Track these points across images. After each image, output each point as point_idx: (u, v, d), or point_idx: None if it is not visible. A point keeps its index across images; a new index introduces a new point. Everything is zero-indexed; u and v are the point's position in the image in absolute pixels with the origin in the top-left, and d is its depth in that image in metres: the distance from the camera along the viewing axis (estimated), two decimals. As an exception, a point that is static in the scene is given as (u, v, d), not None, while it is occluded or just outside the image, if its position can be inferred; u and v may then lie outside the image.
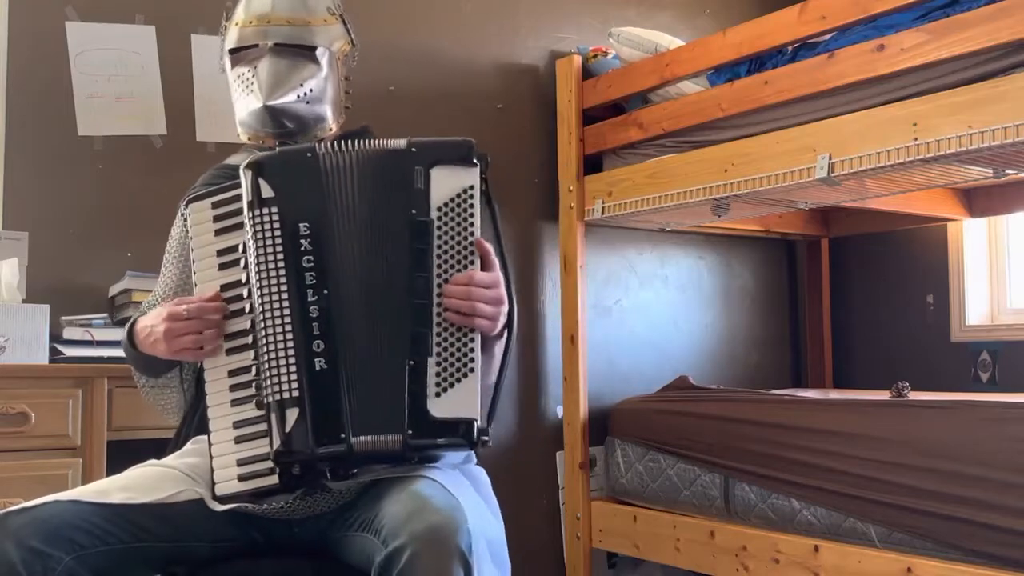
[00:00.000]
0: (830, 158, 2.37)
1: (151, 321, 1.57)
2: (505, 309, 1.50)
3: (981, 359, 3.35)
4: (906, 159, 2.22)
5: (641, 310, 3.48)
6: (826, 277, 3.81)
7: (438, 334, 1.44)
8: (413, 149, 1.48)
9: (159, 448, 1.78)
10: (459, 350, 1.44)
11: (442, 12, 3.18)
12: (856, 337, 3.78)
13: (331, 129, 1.84)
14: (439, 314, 1.44)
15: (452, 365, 1.44)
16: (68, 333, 2.34)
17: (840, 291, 3.82)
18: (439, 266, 1.46)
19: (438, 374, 1.43)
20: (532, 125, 3.31)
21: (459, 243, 1.47)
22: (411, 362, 1.43)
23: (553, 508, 3.27)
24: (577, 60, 3.21)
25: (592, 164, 3.19)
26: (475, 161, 1.48)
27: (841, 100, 2.40)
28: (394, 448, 1.43)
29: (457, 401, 1.42)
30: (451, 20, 3.19)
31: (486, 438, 1.45)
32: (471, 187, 1.48)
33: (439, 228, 1.46)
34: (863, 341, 3.76)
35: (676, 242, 3.59)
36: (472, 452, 1.62)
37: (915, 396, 2.85)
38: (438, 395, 1.42)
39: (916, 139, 2.19)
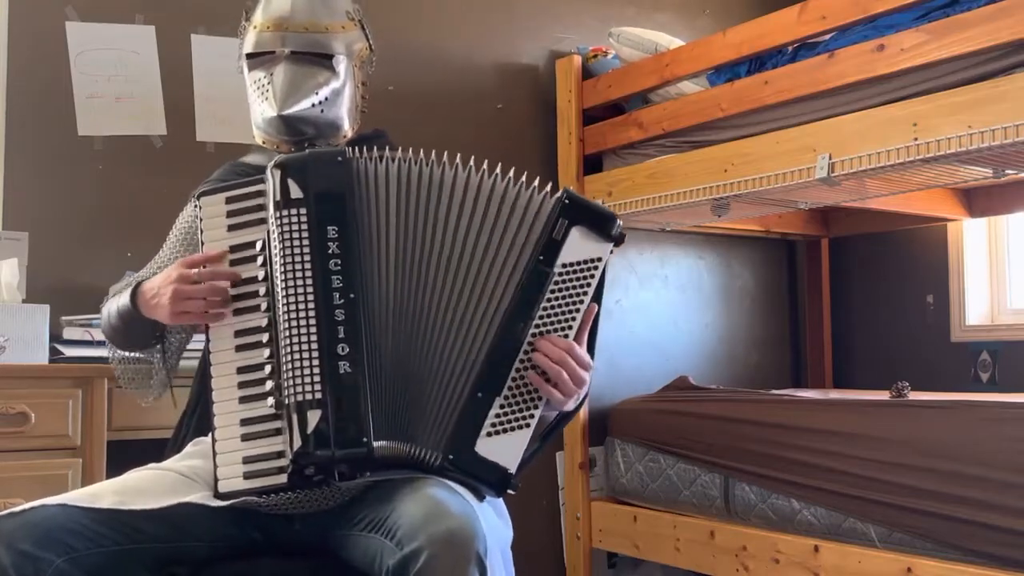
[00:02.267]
0: (830, 158, 2.37)
1: (158, 283, 1.56)
2: (581, 394, 1.50)
3: (981, 359, 3.35)
4: (906, 159, 2.22)
5: (641, 310, 3.48)
6: (826, 277, 3.81)
7: (512, 379, 1.44)
8: (567, 201, 1.48)
9: (159, 448, 1.78)
10: (524, 402, 1.45)
11: (442, 12, 3.18)
12: (856, 337, 3.78)
13: (346, 135, 1.83)
14: (521, 360, 1.44)
15: (512, 413, 1.44)
16: (68, 333, 2.34)
17: (840, 291, 3.82)
18: (540, 318, 1.46)
19: (497, 415, 1.43)
20: (532, 125, 3.31)
21: (565, 307, 1.47)
22: (479, 394, 1.43)
23: (553, 508, 3.27)
24: (577, 60, 3.21)
25: (592, 164, 3.19)
26: (613, 236, 1.49)
27: (841, 100, 2.40)
28: (429, 461, 1.43)
29: (503, 448, 1.43)
30: (451, 20, 3.19)
31: (512, 492, 1.46)
32: (599, 259, 1.48)
33: (554, 284, 1.46)
34: (863, 341, 3.76)
35: (676, 242, 3.59)
36: None
37: (915, 396, 2.85)
38: (489, 435, 1.43)
39: (916, 139, 2.19)
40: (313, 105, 1.75)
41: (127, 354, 1.83)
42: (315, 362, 1.40)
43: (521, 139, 3.27)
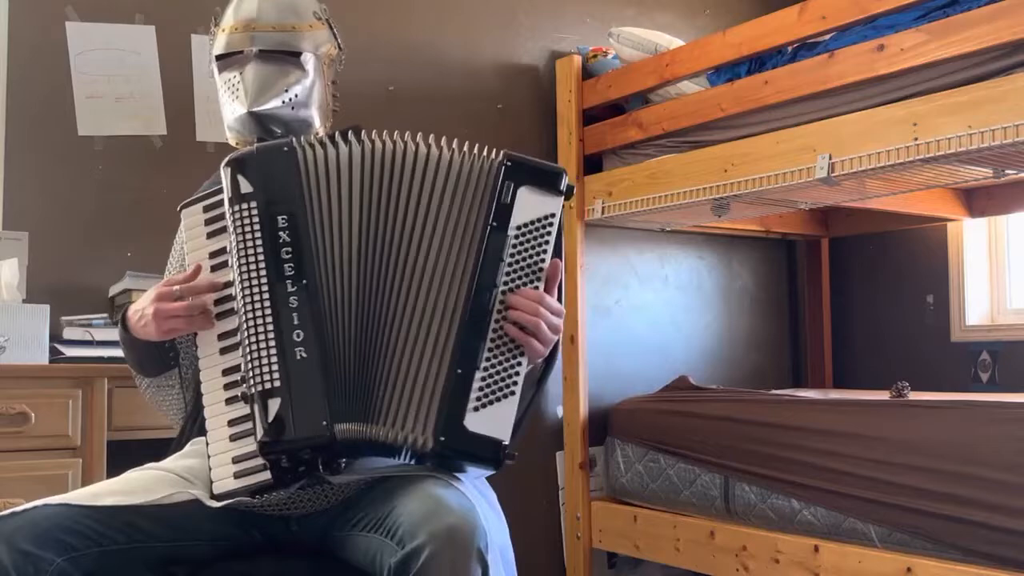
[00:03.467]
0: (830, 158, 2.37)
1: (141, 304, 1.57)
2: (556, 339, 1.50)
3: (981, 359, 3.35)
4: (906, 159, 2.22)
5: (641, 310, 3.48)
6: (826, 277, 3.81)
7: (489, 349, 1.44)
8: (508, 163, 1.48)
9: (159, 448, 1.78)
10: (505, 369, 1.44)
11: (442, 12, 3.18)
12: (856, 337, 3.78)
13: (318, 133, 1.85)
14: (495, 329, 1.44)
15: (496, 383, 1.43)
16: (68, 333, 2.34)
17: (840, 291, 3.83)
18: (505, 283, 1.45)
19: (480, 388, 1.42)
20: (532, 125, 3.31)
21: (527, 267, 1.47)
22: (459, 370, 1.42)
23: (553, 508, 3.27)
24: (577, 60, 3.21)
25: (592, 164, 3.19)
26: (562, 190, 1.49)
27: (841, 100, 2.41)
28: (420, 447, 1.42)
29: (493, 419, 1.42)
30: (451, 20, 3.19)
31: (511, 461, 1.45)
32: (552, 215, 1.48)
33: (512, 247, 1.46)
34: (863, 341, 3.76)
35: (676, 242, 3.59)
36: None
37: (915, 396, 2.85)
38: (476, 409, 1.42)
39: (916, 139, 2.19)
40: (284, 103, 1.79)
41: (147, 380, 1.83)
42: (272, 351, 1.40)
43: (521, 139, 3.27)
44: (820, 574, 2.47)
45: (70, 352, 2.29)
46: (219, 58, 1.83)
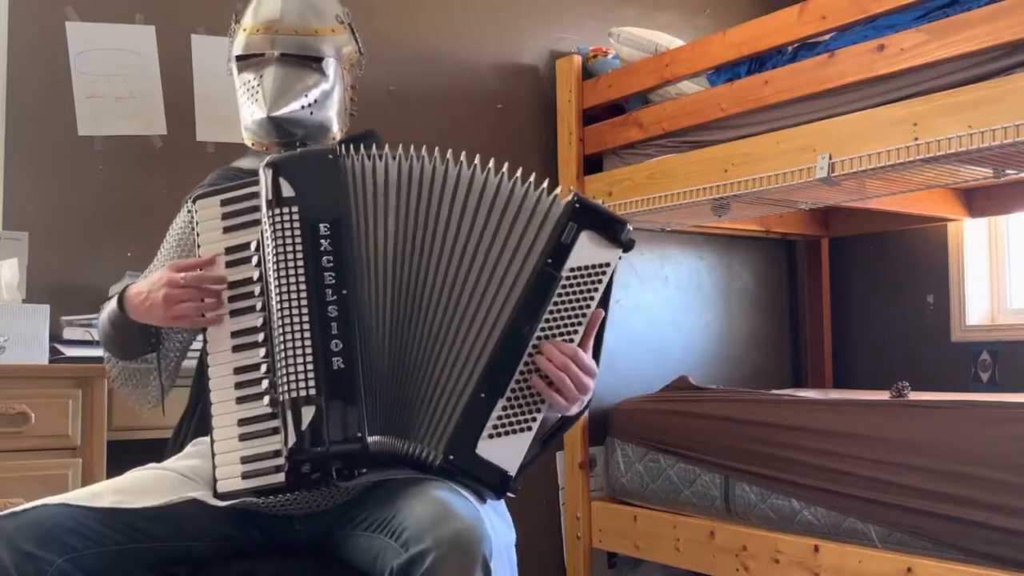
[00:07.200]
0: (830, 158, 2.37)
1: (147, 287, 1.56)
2: (585, 399, 1.50)
3: (981, 359, 3.35)
4: (906, 159, 2.22)
5: (641, 310, 3.48)
6: (826, 277, 3.81)
7: (516, 381, 1.44)
8: (577, 205, 1.48)
9: (159, 448, 1.78)
10: (527, 405, 1.45)
11: (442, 12, 3.18)
12: (856, 337, 3.78)
13: (335, 137, 1.85)
14: (526, 364, 1.44)
15: (514, 416, 1.44)
16: (68, 333, 2.34)
17: (840, 291, 3.82)
18: (546, 321, 1.46)
19: (499, 417, 1.43)
20: (532, 125, 3.31)
21: (571, 311, 1.47)
22: (482, 395, 1.43)
23: (553, 508, 3.27)
24: (577, 60, 3.22)
25: (592, 164, 3.19)
26: (623, 241, 1.50)
27: (841, 100, 2.41)
28: (429, 460, 1.43)
29: (504, 450, 1.43)
30: (451, 20, 3.19)
31: (512, 494, 1.46)
32: (607, 265, 1.49)
33: (562, 288, 1.46)
34: (863, 341, 3.76)
35: (676, 242, 3.59)
36: None
37: (915, 396, 2.85)
38: (491, 436, 1.43)
39: (916, 139, 2.19)
40: (303, 107, 1.77)
41: (124, 363, 1.83)
42: (308, 358, 1.40)
43: (521, 139, 3.27)
44: (820, 574, 2.47)
45: (70, 352, 2.29)
46: (239, 59, 1.82)
